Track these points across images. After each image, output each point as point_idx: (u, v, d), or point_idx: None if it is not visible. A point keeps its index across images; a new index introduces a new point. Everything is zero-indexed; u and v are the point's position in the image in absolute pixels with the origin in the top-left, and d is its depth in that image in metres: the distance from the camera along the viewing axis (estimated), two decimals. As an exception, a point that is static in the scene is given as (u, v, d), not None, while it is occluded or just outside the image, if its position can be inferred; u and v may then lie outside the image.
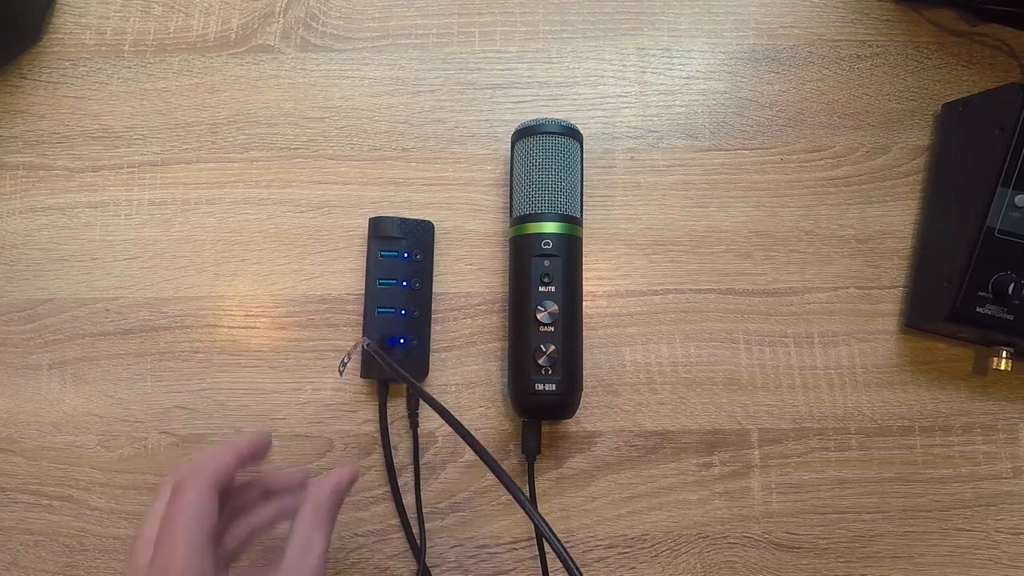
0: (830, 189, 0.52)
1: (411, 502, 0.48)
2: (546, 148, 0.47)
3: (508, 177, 0.51)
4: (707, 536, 0.48)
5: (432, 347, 0.50)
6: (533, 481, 0.48)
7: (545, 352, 0.45)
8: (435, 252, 0.51)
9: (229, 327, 0.51)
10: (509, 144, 0.50)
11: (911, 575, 0.48)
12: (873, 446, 0.49)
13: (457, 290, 0.51)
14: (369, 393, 0.50)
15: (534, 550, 0.48)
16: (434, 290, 0.51)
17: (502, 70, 0.54)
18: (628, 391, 0.50)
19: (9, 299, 0.52)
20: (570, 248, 0.46)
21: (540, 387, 0.45)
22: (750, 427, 0.49)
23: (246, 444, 0.36)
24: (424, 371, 0.49)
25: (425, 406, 0.49)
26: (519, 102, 0.54)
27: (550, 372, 0.45)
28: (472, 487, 0.49)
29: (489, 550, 0.48)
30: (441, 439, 0.49)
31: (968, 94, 0.51)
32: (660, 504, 0.49)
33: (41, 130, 0.54)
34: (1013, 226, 0.46)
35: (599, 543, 0.48)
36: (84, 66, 0.55)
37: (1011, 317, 0.46)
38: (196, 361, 0.50)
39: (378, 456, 0.49)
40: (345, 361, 0.45)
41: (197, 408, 0.50)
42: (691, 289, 0.51)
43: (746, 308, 0.51)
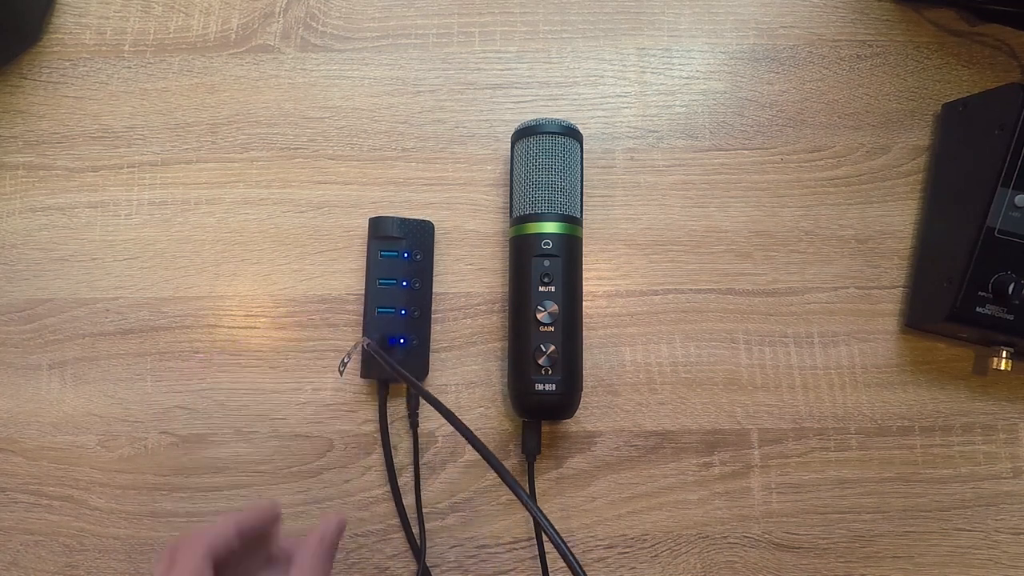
0: (830, 189, 0.52)
1: (411, 502, 0.48)
2: (546, 148, 0.47)
3: (508, 177, 0.51)
4: (707, 536, 0.48)
5: (432, 347, 0.50)
6: (533, 481, 0.48)
7: (545, 352, 0.45)
8: (435, 252, 0.51)
9: (229, 327, 0.51)
10: (509, 144, 0.50)
11: (911, 575, 0.48)
12: (873, 446, 0.49)
13: (457, 290, 0.51)
14: (369, 393, 0.50)
15: (534, 550, 0.48)
16: (434, 290, 0.51)
17: (502, 70, 0.54)
18: (628, 391, 0.50)
19: (9, 299, 0.52)
20: (570, 248, 0.46)
21: (540, 387, 0.45)
22: (750, 427, 0.49)
23: (250, 517, 0.36)
24: (424, 371, 0.49)
25: (425, 406, 0.49)
26: (519, 102, 0.54)
27: (550, 372, 0.45)
28: (472, 487, 0.49)
29: (489, 550, 0.48)
30: (441, 439, 0.49)
31: (968, 94, 0.51)
32: (660, 504, 0.49)
33: (41, 130, 0.54)
34: (1013, 226, 0.46)
35: (599, 543, 0.48)
36: (84, 66, 0.55)
37: (1011, 317, 0.46)
38: (196, 361, 0.50)
39: (378, 456, 0.49)
40: (345, 361, 0.45)
41: (197, 408, 0.50)
42: (691, 289, 0.51)
43: (746, 308, 0.51)
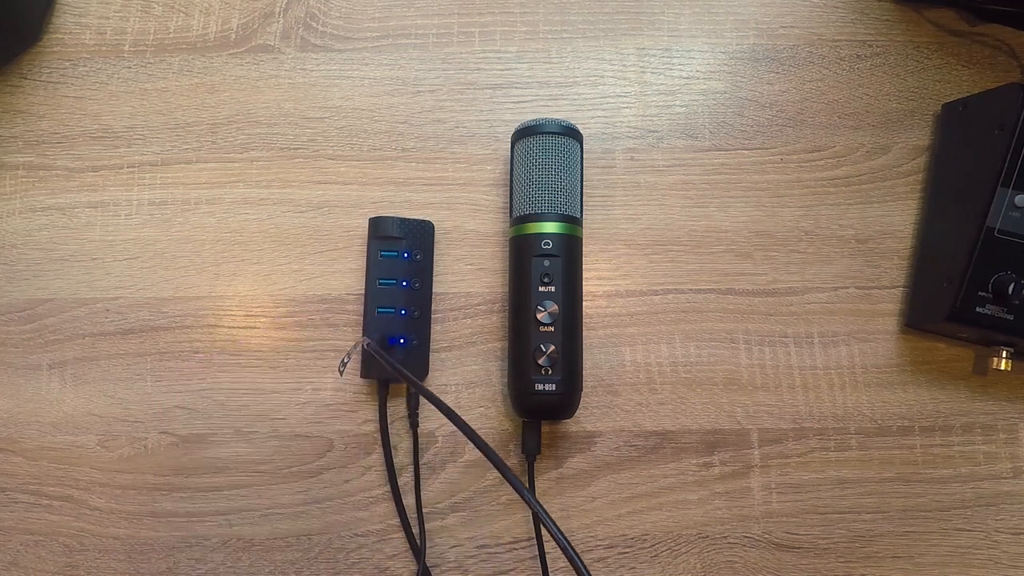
0: (830, 189, 0.52)
1: (411, 502, 0.48)
2: (546, 148, 0.47)
3: (508, 177, 0.51)
4: (707, 536, 0.48)
5: (432, 347, 0.50)
6: (533, 481, 0.48)
7: (545, 352, 0.45)
8: (435, 252, 0.51)
9: (229, 327, 0.51)
10: (509, 144, 0.50)
11: (911, 575, 0.48)
12: (873, 446, 0.49)
13: (457, 290, 0.51)
14: (369, 393, 0.50)
15: (534, 550, 0.48)
16: (434, 290, 0.51)
17: (502, 70, 0.54)
18: (628, 391, 0.50)
19: (9, 299, 0.52)
20: (570, 248, 0.46)
21: (540, 387, 0.45)
22: (750, 427, 0.49)
23: None
24: (424, 371, 0.49)
25: (424, 406, 0.49)
26: (519, 102, 0.54)
27: (550, 372, 0.45)
28: (472, 487, 0.49)
29: (489, 550, 0.48)
30: (441, 439, 0.49)
31: (968, 94, 0.51)
32: (660, 504, 0.49)
33: (41, 130, 0.54)
34: (1013, 226, 0.46)
35: (599, 543, 0.48)
36: (84, 66, 0.55)
37: (1011, 317, 0.46)
38: (196, 361, 0.50)
39: (378, 456, 0.49)
40: (345, 361, 0.45)
41: (197, 408, 0.50)
42: (691, 289, 0.51)
43: (746, 308, 0.51)
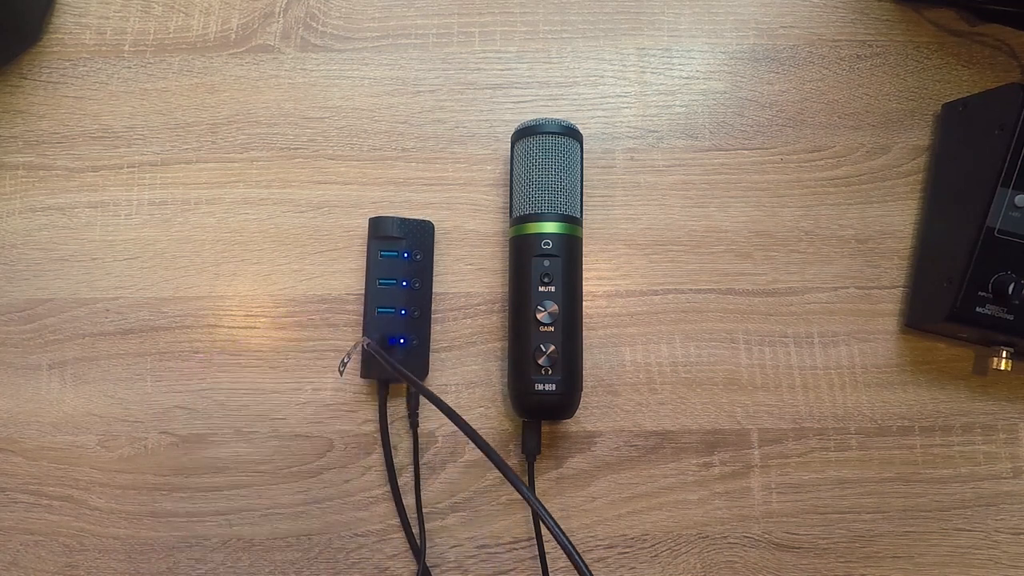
0: (830, 189, 0.52)
1: (411, 502, 0.48)
2: (546, 148, 0.47)
3: (508, 177, 0.51)
4: (707, 536, 0.48)
5: (432, 347, 0.50)
6: (533, 481, 0.48)
7: (545, 352, 0.45)
8: (435, 252, 0.51)
9: (229, 327, 0.51)
10: (509, 144, 0.50)
11: (911, 575, 0.48)
12: (873, 446, 0.49)
13: (457, 290, 0.51)
14: (369, 393, 0.50)
15: (534, 550, 0.48)
16: (434, 290, 0.51)
17: (502, 70, 0.54)
18: (628, 391, 0.50)
19: (9, 299, 0.52)
20: (570, 248, 0.46)
21: (540, 387, 0.45)
22: (750, 427, 0.49)
23: None
24: (424, 371, 0.49)
25: (424, 406, 0.49)
26: (519, 102, 0.54)
27: (550, 372, 0.45)
28: (472, 487, 0.49)
29: (489, 550, 0.48)
30: (441, 439, 0.49)
31: (968, 94, 0.51)
32: (660, 504, 0.49)
33: (41, 130, 0.54)
34: (1013, 226, 0.46)
35: (599, 543, 0.48)
36: (84, 66, 0.55)
37: (1011, 317, 0.46)
38: (196, 361, 0.50)
39: (378, 456, 0.49)
40: (345, 361, 0.45)
41: (197, 408, 0.50)
42: (691, 289, 0.51)
43: (746, 308, 0.51)
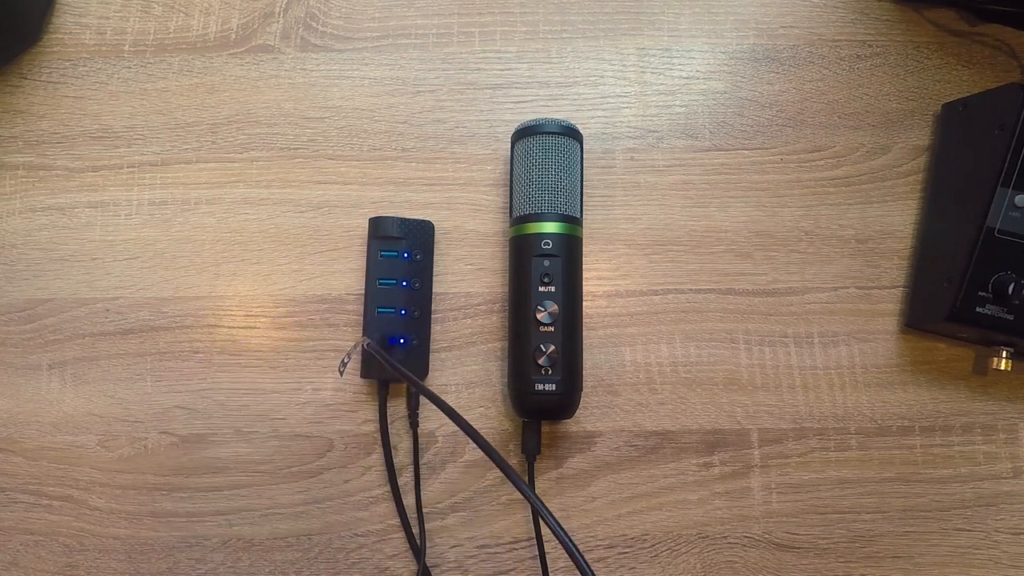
0: (830, 189, 0.52)
1: (411, 502, 0.48)
2: (546, 148, 0.47)
3: (508, 177, 0.51)
4: (707, 536, 0.48)
5: (432, 347, 0.50)
6: (533, 481, 0.48)
7: (545, 352, 0.45)
8: (435, 252, 0.51)
9: (229, 327, 0.51)
10: (509, 144, 0.50)
11: (911, 575, 0.48)
12: (873, 446, 0.49)
13: (457, 290, 0.51)
14: (369, 393, 0.50)
15: (534, 550, 0.48)
16: (434, 290, 0.51)
17: (502, 70, 0.54)
18: (628, 391, 0.50)
19: (9, 299, 0.52)
20: (570, 248, 0.46)
21: (540, 387, 0.45)
22: (750, 427, 0.49)
23: None
24: (424, 371, 0.49)
25: (425, 406, 0.49)
26: (519, 102, 0.54)
27: (550, 372, 0.45)
28: (472, 487, 0.49)
29: (489, 550, 0.48)
30: (441, 439, 0.49)
31: (968, 94, 0.51)
32: (660, 504, 0.49)
33: (41, 130, 0.54)
34: (1013, 226, 0.46)
35: (599, 543, 0.48)
36: (84, 66, 0.55)
37: (1011, 317, 0.46)
38: (196, 361, 0.50)
39: (378, 456, 0.49)
40: (345, 361, 0.45)
41: (197, 408, 0.50)
42: (691, 289, 0.51)
43: (746, 308, 0.51)
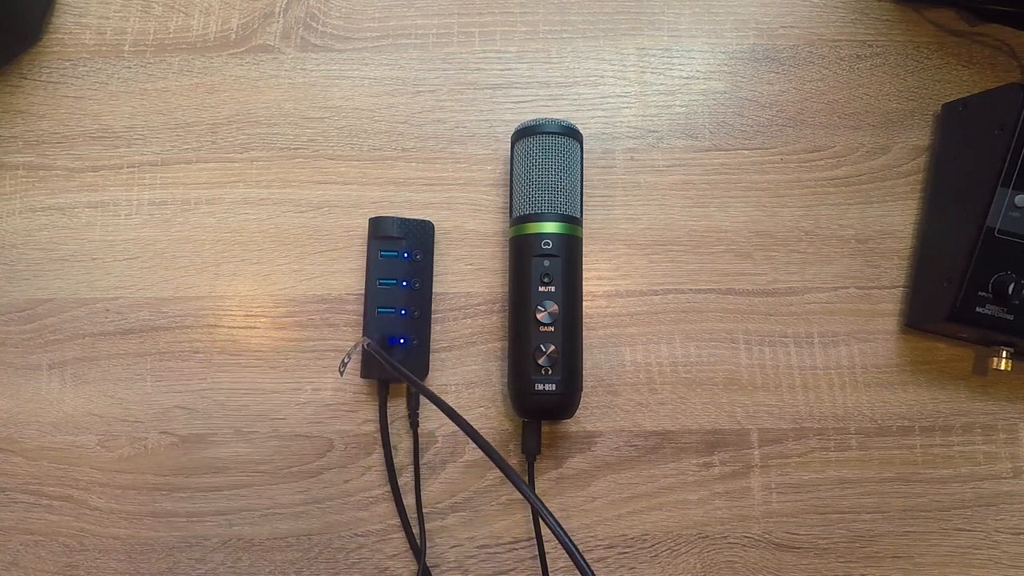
0: (830, 189, 0.52)
1: (411, 502, 0.48)
2: (546, 148, 0.47)
3: (508, 177, 0.51)
4: (707, 536, 0.48)
5: (432, 347, 0.50)
6: (533, 481, 0.48)
7: (545, 352, 0.45)
8: (435, 252, 0.51)
9: (229, 327, 0.51)
10: (509, 144, 0.50)
11: (911, 575, 0.48)
12: (873, 446, 0.49)
13: (457, 290, 0.51)
14: (369, 393, 0.50)
15: (534, 550, 0.48)
16: (434, 290, 0.51)
17: (502, 70, 0.54)
18: (628, 391, 0.50)
19: (9, 299, 0.52)
20: (570, 248, 0.46)
21: (540, 387, 0.45)
22: (750, 427, 0.49)
23: None
24: (424, 371, 0.49)
25: (425, 406, 0.49)
26: (519, 102, 0.54)
27: (550, 372, 0.45)
28: (472, 487, 0.49)
29: (489, 550, 0.48)
30: (441, 439, 0.49)
31: (968, 94, 0.51)
32: (660, 504, 0.49)
33: (41, 130, 0.54)
34: (1013, 226, 0.46)
35: (599, 543, 0.48)
36: (84, 66, 0.55)
37: (1011, 317, 0.46)
38: (196, 361, 0.50)
39: (378, 456, 0.49)
40: (345, 361, 0.45)
41: (197, 408, 0.50)
42: (691, 289, 0.51)
43: (746, 308, 0.51)
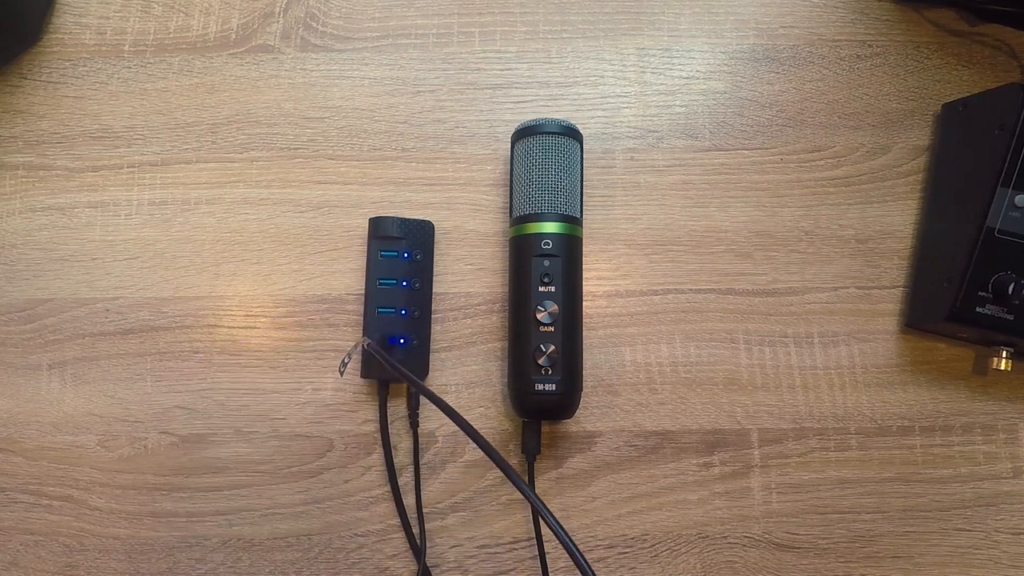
0: (830, 189, 0.52)
1: (411, 502, 0.48)
2: (546, 148, 0.47)
3: (508, 177, 0.51)
4: (707, 536, 0.48)
5: (432, 347, 0.50)
6: (533, 481, 0.48)
7: (545, 352, 0.45)
8: (435, 252, 0.51)
9: (229, 327, 0.51)
10: (509, 144, 0.50)
11: (911, 575, 0.48)
12: (873, 446, 0.49)
13: (457, 290, 0.51)
14: (369, 393, 0.50)
15: (534, 550, 0.48)
16: (434, 290, 0.51)
17: (502, 70, 0.54)
18: (628, 391, 0.50)
19: (9, 299, 0.52)
20: (570, 248, 0.46)
21: (540, 387, 0.45)
22: (750, 427, 0.49)
23: None
24: (424, 371, 0.49)
25: (425, 406, 0.49)
26: (519, 102, 0.54)
27: (550, 372, 0.45)
28: (472, 487, 0.49)
29: (489, 550, 0.48)
30: (441, 439, 0.49)
31: (968, 94, 0.51)
32: (660, 504, 0.49)
33: (41, 130, 0.54)
34: (1013, 226, 0.46)
35: (599, 543, 0.48)
36: (84, 66, 0.55)
37: (1011, 317, 0.46)
38: (196, 361, 0.50)
39: (378, 456, 0.49)
40: (345, 361, 0.45)
41: (197, 408, 0.50)
42: (691, 289, 0.51)
43: (746, 308, 0.51)
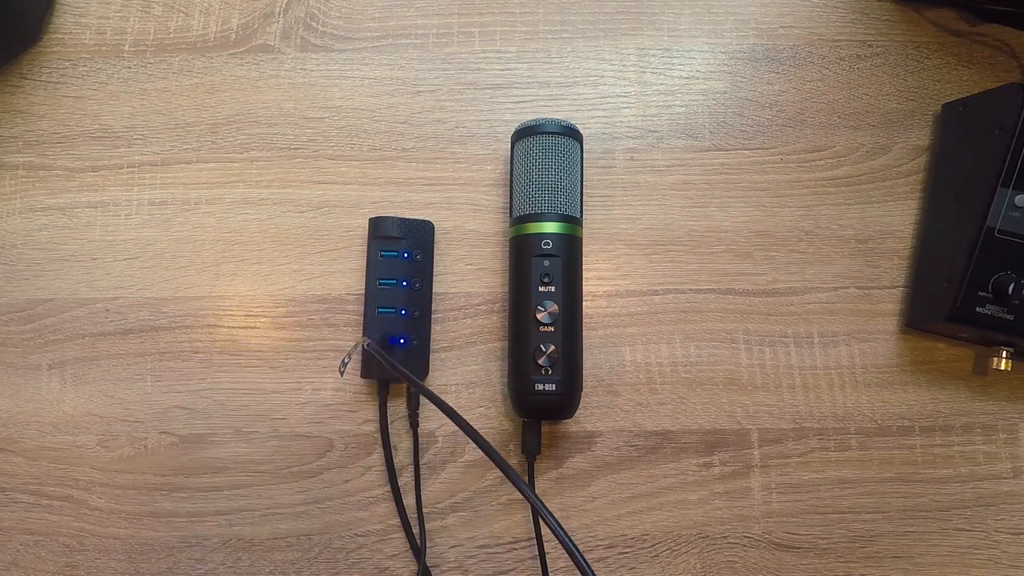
0: (830, 189, 0.52)
1: (411, 502, 0.48)
2: (546, 148, 0.47)
3: (508, 177, 0.51)
4: (707, 536, 0.48)
5: (432, 347, 0.50)
6: (533, 481, 0.48)
7: (545, 352, 0.45)
8: (435, 252, 0.51)
9: (229, 327, 0.51)
10: (509, 144, 0.50)
11: (911, 575, 0.48)
12: (873, 446, 0.49)
13: (457, 290, 0.51)
14: (369, 393, 0.50)
15: (534, 550, 0.48)
16: (434, 290, 0.51)
17: (502, 70, 0.54)
18: (628, 391, 0.50)
19: (9, 299, 0.52)
20: (570, 248, 0.46)
21: (540, 387, 0.45)
22: (750, 427, 0.49)
23: None
24: (424, 371, 0.49)
25: (425, 406, 0.49)
26: (519, 102, 0.54)
27: (550, 372, 0.45)
28: (472, 487, 0.49)
29: (489, 550, 0.48)
30: (441, 439, 0.49)
31: (968, 94, 0.51)
32: (660, 504, 0.49)
33: (41, 130, 0.54)
34: (1013, 226, 0.46)
35: (599, 543, 0.48)
36: (84, 66, 0.55)
37: (1011, 317, 0.46)
38: (196, 361, 0.50)
39: (378, 456, 0.49)
40: (345, 361, 0.45)
41: (197, 408, 0.50)
42: (691, 289, 0.51)
43: (746, 308, 0.51)
